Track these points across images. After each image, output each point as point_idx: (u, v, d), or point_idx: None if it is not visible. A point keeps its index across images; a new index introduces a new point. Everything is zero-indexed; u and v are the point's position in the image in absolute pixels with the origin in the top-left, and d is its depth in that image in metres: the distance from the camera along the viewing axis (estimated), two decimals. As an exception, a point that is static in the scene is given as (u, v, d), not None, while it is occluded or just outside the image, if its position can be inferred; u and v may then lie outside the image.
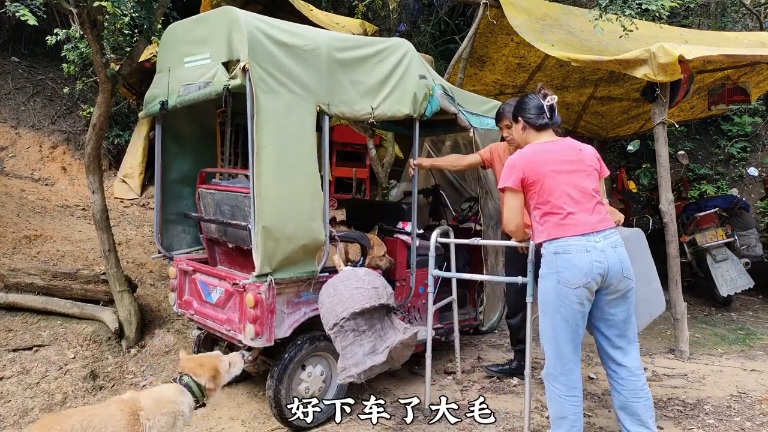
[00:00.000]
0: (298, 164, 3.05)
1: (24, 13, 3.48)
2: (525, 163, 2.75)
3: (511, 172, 2.78)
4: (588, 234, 2.65)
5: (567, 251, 2.65)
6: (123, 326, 4.11)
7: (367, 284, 3.04)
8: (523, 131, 2.96)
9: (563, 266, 2.65)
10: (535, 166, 2.74)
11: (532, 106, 2.91)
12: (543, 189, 2.71)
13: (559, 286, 2.66)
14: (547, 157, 2.76)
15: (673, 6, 5.15)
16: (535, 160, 2.76)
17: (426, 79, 3.74)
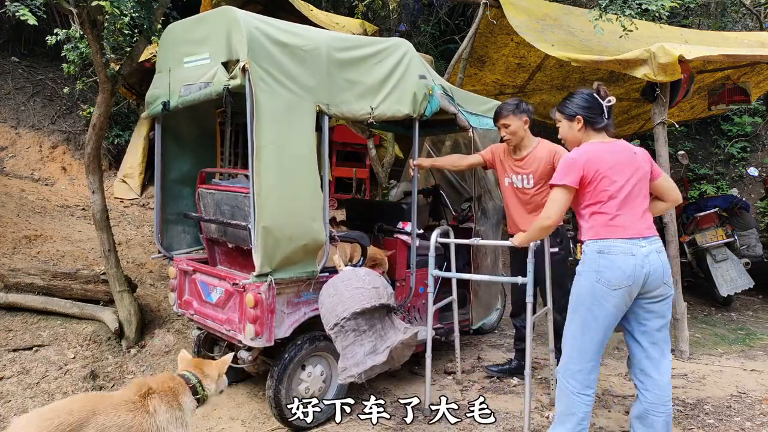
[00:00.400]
0: (298, 164, 3.05)
1: (24, 13, 3.48)
2: (586, 162, 2.69)
3: (570, 170, 2.70)
4: (634, 238, 2.63)
5: (611, 252, 2.62)
6: (123, 326, 4.11)
7: (367, 284, 3.04)
8: (580, 130, 2.86)
9: (606, 266, 2.62)
10: (596, 165, 2.68)
11: (594, 105, 2.82)
12: (597, 189, 2.67)
13: (597, 285, 2.63)
14: (606, 158, 2.70)
15: (673, 6, 5.15)
16: (597, 159, 2.70)
17: (426, 79, 3.74)
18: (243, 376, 3.83)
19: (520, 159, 3.76)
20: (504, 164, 3.86)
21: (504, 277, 4.20)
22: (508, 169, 3.83)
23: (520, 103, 3.73)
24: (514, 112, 3.68)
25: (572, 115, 2.87)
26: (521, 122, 3.70)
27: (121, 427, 1.98)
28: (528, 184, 3.74)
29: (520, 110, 3.69)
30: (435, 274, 3.58)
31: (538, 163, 3.69)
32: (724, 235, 6.27)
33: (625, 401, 3.71)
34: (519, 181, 3.77)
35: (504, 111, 3.72)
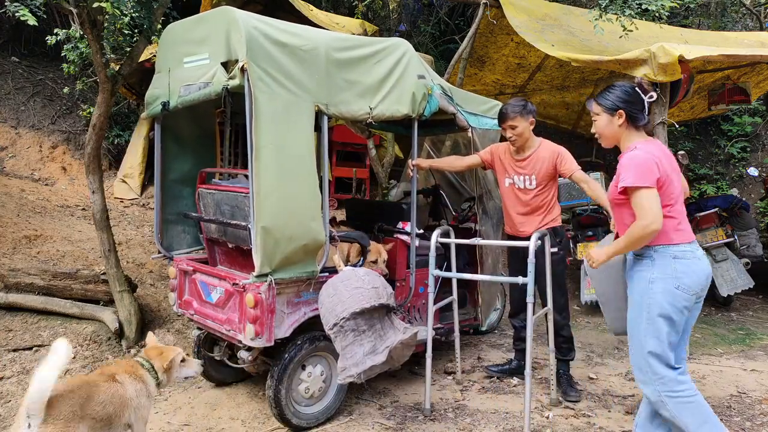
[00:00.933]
0: (297, 164, 3.05)
1: (24, 14, 3.49)
2: (658, 162, 2.51)
3: (649, 170, 2.48)
4: (693, 242, 2.58)
5: (686, 257, 2.52)
6: (123, 326, 4.11)
7: (367, 284, 3.04)
8: (621, 126, 2.66)
9: (684, 272, 2.50)
10: (663, 167, 2.53)
11: (637, 100, 2.63)
12: (667, 192, 2.53)
13: (677, 292, 2.50)
14: (666, 160, 2.57)
15: (673, 6, 5.15)
16: (661, 161, 2.54)
17: (425, 79, 3.74)
18: (243, 376, 3.84)
19: (523, 159, 3.74)
20: (505, 164, 3.84)
21: (503, 276, 4.20)
22: (510, 170, 3.81)
23: (526, 104, 3.70)
24: (522, 113, 3.65)
25: (613, 108, 2.65)
26: (527, 123, 3.69)
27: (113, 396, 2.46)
28: (530, 185, 3.73)
29: (527, 111, 3.67)
30: (435, 273, 3.58)
31: (541, 163, 3.68)
32: (724, 235, 6.27)
33: (625, 401, 3.71)
34: (521, 181, 3.76)
35: (511, 112, 3.67)
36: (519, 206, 3.79)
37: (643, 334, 2.54)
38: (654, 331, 2.51)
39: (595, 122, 2.75)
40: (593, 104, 2.75)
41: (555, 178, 3.76)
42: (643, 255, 2.59)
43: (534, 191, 3.73)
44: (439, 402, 3.66)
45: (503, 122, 3.71)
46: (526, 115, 3.66)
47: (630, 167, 2.51)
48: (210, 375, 3.79)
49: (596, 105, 2.73)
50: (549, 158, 3.67)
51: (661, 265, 2.54)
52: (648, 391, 2.56)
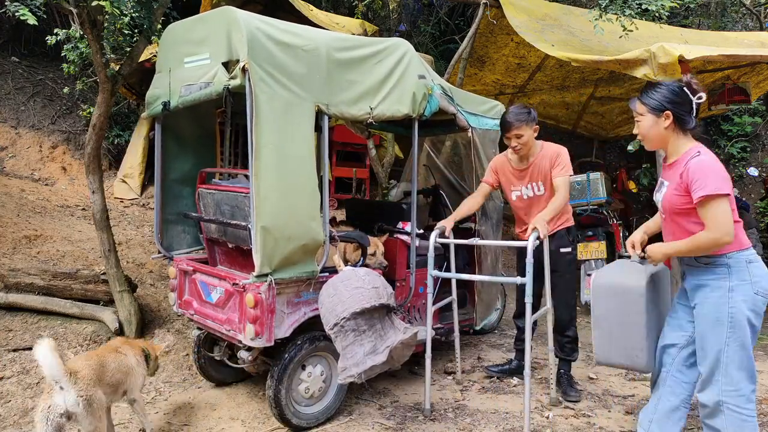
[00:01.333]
0: (298, 164, 3.05)
1: (24, 13, 3.48)
2: (723, 168, 2.43)
3: (725, 178, 2.37)
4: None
5: (756, 260, 2.45)
6: (123, 326, 4.11)
7: (367, 284, 3.04)
8: (668, 128, 2.52)
9: (759, 275, 2.43)
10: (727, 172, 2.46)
11: (685, 101, 2.48)
12: (733, 197, 2.46)
13: (757, 297, 2.42)
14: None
15: (673, 6, 5.15)
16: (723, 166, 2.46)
17: (425, 79, 3.75)
18: (243, 376, 3.84)
19: (525, 168, 3.70)
20: (509, 177, 3.79)
21: (504, 277, 4.19)
22: (515, 182, 3.76)
23: (530, 111, 3.63)
24: (527, 121, 3.57)
25: (660, 109, 2.51)
26: (532, 131, 3.62)
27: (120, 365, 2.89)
28: (540, 191, 3.69)
29: (531, 118, 3.59)
30: (434, 274, 3.57)
31: (545, 167, 3.64)
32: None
33: (625, 401, 3.71)
34: (529, 190, 3.72)
35: (516, 121, 3.56)
36: (534, 213, 3.66)
37: (725, 346, 2.42)
38: (739, 341, 2.41)
39: (639, 123, 2.61)
40: (637, 103, 2.61)
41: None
42: (715, 263, 2.45)
43: (545, 196, 3.68)
44: (439, 402, 3.66)
45: (507, 131, 3.60)
46: (531, 122, 3.59)
47: (707, 174, 2.35)
48: (210, 375, 3.79)
49: (640, 105, 2.58)
50: (550, 158, 3.64)
51: (737, 271, 2.43)
52: (709, 396, 2.46)
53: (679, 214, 2.51)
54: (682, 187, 2.45)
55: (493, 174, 3.89)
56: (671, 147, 2.57)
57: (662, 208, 2.62)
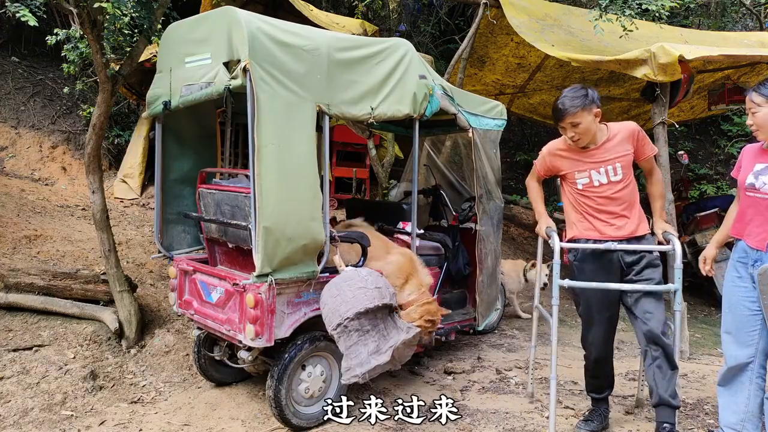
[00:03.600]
0: (299, 164, 3.05)
1: (24, 14, 3.48)
2: None
3: None
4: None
5: None
6: (123, 326, 4.11)
7: (370, 284, 3.04)
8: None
9: None
10: None
11: None
12: None
13: None
14: None
15: (673, 6, 5.16)
16: None
17: (426, 79, 3.74)
18: (243, 376, 3.83)
19: (597, 148, 3.04)
20: (573, 161, 3.09)
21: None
22: (581, 165, 3.06)
23: (587, 92, 2.96)
24: (584, 105, 2.92)
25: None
26: (592, 116, 2.96)
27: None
28: (615, 176, 3.00)
29: (590, 101, 2.93)
30: (563, 284, 2.97)
31: (622, 145, 3.01)
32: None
33: (625, 401, 3.71)
34: (602, 175, 3.02)
35: (570, 107, 2.93)
36: (612, 205, 3.03)
37: None
38: None
39: (755, 114, 2.63)
40: (753, 95, 2.61)
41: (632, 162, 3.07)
42: None
43: (621, 183, 3.02)
44: (439, 402, 3.65)
45: (561, 120, 2.99)
46: (590, 106, 2.93)
47: None
48: (210, 375, 3.79)
49: (757, 95, 2.59)
50: (628, 136, 3.03)
51: None
52: None
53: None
54: None
55: (546, 163, 3.22)
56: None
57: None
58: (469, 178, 5.31)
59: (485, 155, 4.33)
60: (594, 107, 2.95)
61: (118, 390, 3.69)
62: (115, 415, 3.38)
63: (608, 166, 3.00)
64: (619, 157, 3.00)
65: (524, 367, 4.30)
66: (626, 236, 3.00)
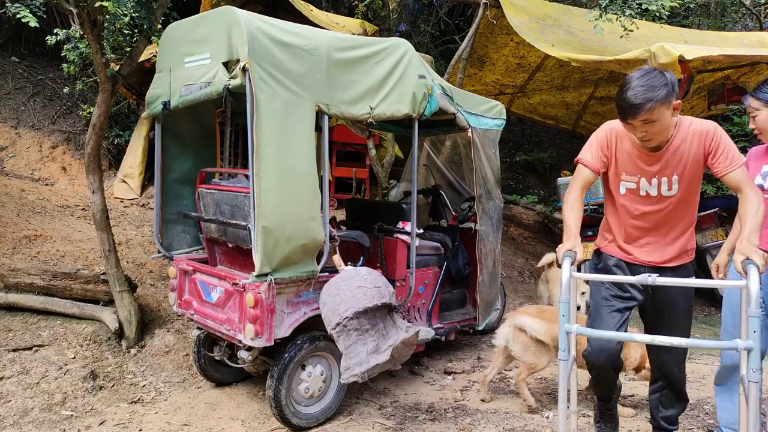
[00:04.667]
0: (298, 164, 3.05)
1: (25, 14, 3.48)
2: None
3: None
4: None
5: None
6: (123, 326, 4.11)
7: (369, 284, 3.04)
8: None
9: None
10: None
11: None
12: None
13: None
14: None
15: (673, 6, 5.16)
16: None
17: (425, 78, 3.75)
18: (243, 376, 3.83)
19: (659, 154, 2.43)
20: (628, 159, 2.50)
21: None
22: (634, 170, 2.50)
23: (667, 79, 2.26)
24: (664, 99, 2.23)
25: None
26: (671, 110, 2.30)
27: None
28: (669, 190, 2.45)
29: (669, 92, 2.24)
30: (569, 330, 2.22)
31: (687, 153, 2.39)
32: (724, 235, 6.27)
33: (625, 401, 3.71)
34: (653, 187, 2.47)
35: (647, 101, 2.22)
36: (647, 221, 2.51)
37: None
38: None
39: (755, 118, 2.64)
40: (751, 99, 2.61)
41: (701, 175, 2.46)
42: None
43: (673, 198, 2.47)
44: (439, 402, 3.66)
45: (632, 117, 2.28)
46: (670, 98, 2.25)
47: None
48: (210, 375, 3.79)
49: (755, 100, 2.60)
50: (698, 142, 2.37)
51: None
52: None
53: None
54: None
55: (601, 152, 2.53)
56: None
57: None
58: (469, 178, 5.32)
59: (485, 155, 4.33)
60: (674, 98, 2.27)
61: (118, 390, 3.69)
62: (115, 415, 3.38)
63: (662, 177, 2.43)
64: (680, 168, 2.40)
65: (524, 367, 4.30)
66: (659, 263, 2.53)
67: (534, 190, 9.71)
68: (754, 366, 1.91)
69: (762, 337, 2.52)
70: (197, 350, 3.72)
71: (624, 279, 2.40)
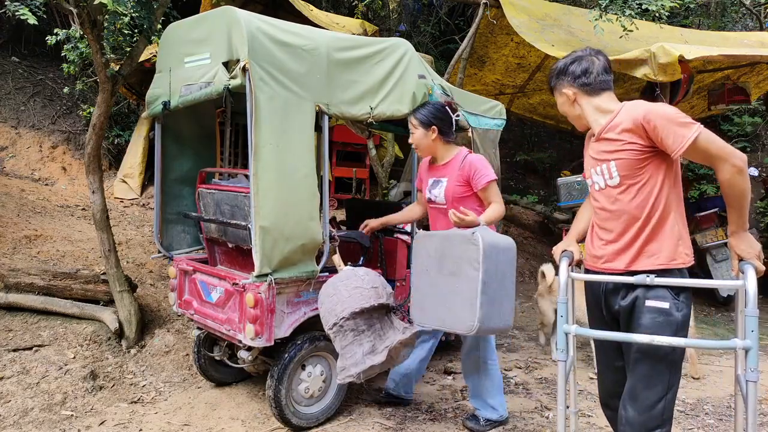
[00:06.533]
0: (297, 164, 3.05)
1: (24, 13, 3.48)
2: None
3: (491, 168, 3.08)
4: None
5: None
6: (123, 326, 4.11)
7: (366, 284, 3.03)
8: (436, 139, 3.21)
9: None
10: None
11: (448, 118, 3.23)
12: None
13: None
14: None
15: (673, 6, 5.16)
16: None
17: (425, 78, 3.75)
18: (243, 376, 3.84)
19: (597, 135, 2.19)
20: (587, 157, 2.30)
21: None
22: (588, 161, 2.28)
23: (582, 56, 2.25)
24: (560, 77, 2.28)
25: (428, 123, 3.17)
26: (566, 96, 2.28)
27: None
28: (611, 179, 2.14)
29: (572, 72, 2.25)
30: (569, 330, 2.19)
31: (621, 135, 2.09)
32: (724, 235, 6.28)
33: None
34: (599, 176, 2.19)
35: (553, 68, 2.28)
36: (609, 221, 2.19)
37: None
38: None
39: (413, 134, 3.21)
40: (411, 117, 3.23)
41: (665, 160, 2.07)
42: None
43: (618, 189, 2.14)
44: (439, 402, 3.66)
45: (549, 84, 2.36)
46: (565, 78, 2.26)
47: (486, 165, 3.10)
48: (210, 375, 3.79)
49: (413, 118, 3.22)
50: (633, 119, 2.04)
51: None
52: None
53: (460, 201, 3.08)
54: (463, 179, 3.08)
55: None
56: (440, 153, 3.21)
57: (445, 199, 3.14)
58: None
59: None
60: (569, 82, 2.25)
61: (118, 390, 3.69)
62: (115, 415, 3.38)
63: (602, 164, 2.17)
64: (613, 152, 2.10)
65: (524, 367, 4.30)
66: (611, 269, 2.15)
67: (534, 190, 9.72)
68: (752, 365, 1.90)
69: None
70: (197, 350, 3.72)
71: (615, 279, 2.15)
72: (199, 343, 3.71)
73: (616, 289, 2.16)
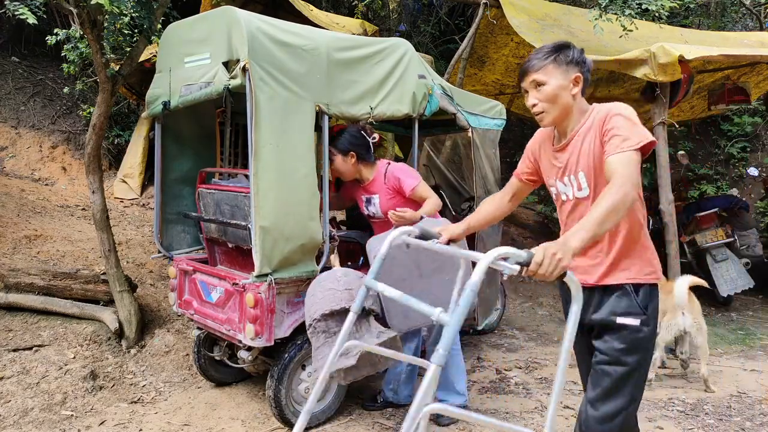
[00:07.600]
0: (297, 164, 3.05)
1: (23, 12, 3.48)
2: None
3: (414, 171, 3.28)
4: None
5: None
6: (123, 326, 4.11)
7: (341, 286, 2.97)
8: (355, 164, 3.45)
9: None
10: None
11: (364, 142, 3.46)
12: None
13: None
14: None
15: (673, 6, 5.16)
16: None
17: (425, 78, 3.75)
18: (243, 376, 3.83)
19: (563, 144, 2.07)
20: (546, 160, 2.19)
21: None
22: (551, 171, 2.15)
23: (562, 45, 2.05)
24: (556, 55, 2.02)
25: (346, 150, 3.34)
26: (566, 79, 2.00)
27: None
28: (580, 191, 2.04)
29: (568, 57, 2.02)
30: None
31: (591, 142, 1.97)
32: (724, 235, 6.28)
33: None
34: (567, 188, 2.08)
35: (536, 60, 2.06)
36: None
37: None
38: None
39: (333, 164, 3.35)
40: (330, 147, 3.30)
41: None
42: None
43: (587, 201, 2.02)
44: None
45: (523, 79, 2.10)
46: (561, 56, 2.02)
47: (407, 171, 3.35)
48: (210, 375, 3.79)
49: (332, 147, 3.32)
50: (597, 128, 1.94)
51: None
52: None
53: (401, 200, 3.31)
54: (392, 191, 3.32)
55: (528, 160, 2.29)
56: (364, 174, 3.41)
57: (382, 213, 3.35)
58: (469, 178, 5.31)
59: (485, 155, 4.33)
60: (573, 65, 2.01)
61: (118, 390, 3.69)
62: (115, 415, 3.38)
63: (571, 174, 2.04)
64: (582, 159, 1.99)
65: (524, 367, 4.31)
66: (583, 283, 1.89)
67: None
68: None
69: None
70: (197, 350, 3.72)
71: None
72: (199, 343, 3.71)
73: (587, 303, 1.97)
